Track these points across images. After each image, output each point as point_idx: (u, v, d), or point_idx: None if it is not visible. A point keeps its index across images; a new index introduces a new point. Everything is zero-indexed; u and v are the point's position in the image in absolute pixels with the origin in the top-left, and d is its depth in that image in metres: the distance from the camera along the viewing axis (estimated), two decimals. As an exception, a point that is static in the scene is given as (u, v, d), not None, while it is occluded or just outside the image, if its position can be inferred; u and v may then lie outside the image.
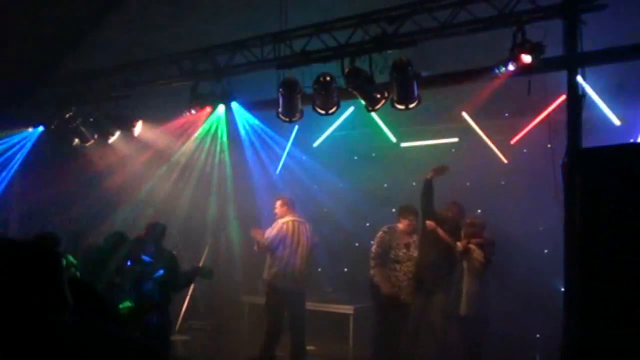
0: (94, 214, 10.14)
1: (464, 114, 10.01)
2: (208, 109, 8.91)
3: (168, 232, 8.14)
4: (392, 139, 10.79)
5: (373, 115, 9.58)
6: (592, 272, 5.31)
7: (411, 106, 7.33)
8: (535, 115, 9.23)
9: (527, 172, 9.19)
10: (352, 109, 9.84)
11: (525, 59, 6.46)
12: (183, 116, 8.96)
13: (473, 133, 10.12)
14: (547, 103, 8.39)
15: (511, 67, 6.65)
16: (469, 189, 9.95)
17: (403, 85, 7.25)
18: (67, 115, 9.82)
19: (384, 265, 8.31)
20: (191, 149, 10.39)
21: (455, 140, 10.48)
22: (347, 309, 9.90)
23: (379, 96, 7.53)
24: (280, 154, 11.32)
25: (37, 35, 8.89)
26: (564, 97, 7.21)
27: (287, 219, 8.68)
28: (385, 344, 8.16)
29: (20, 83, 9.84)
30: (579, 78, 6.34)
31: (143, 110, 9.69)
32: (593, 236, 5.33)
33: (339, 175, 11.24)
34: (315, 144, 11.35)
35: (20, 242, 2.22)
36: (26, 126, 10.50)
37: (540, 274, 8.61)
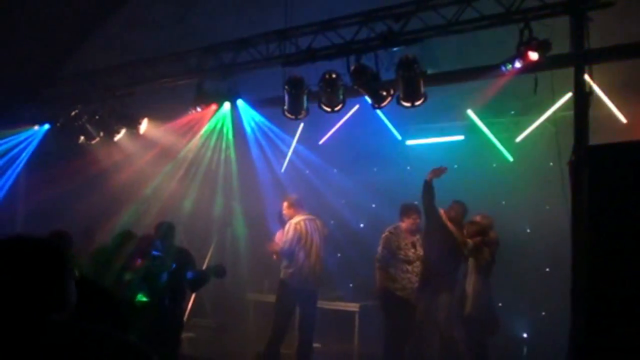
0: (100, 212, 10.15)
1: (469, 111, 9.98)
2: (213, 106, 8.92)
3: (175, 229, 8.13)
4: (398, 136, 10.78)
5: (378, 112, 9.57)
6: (599, 270, 5.29)
7: (417, 103, 7.31)
8: (541, 113, 9.21)
9: (533, 170, 9.17)
10: (357, 106, 9.81)
11: (532, 57, 6.44)
12: (188, 114, 8.97)
13: (478, 131, 10.10)
14: (554, 101, 8.36)
15: (518, 64, 6.63)
16: (474, 187, 9.92)
17: (409, 82, 7.24)
18: (72, 113, 9.84)
19: (388, 267, 8.20)
20: (197, 147, 10.40)
21: (460, 137, 10.45)
22: (353, 306, 9.89)
23: (384, 93, 7.51)
24: (286, 152, 11.32)
25: (42, 33, 8.91)
26: (570, 94, 7.20)
27: (298, 218, 8.58)
28: (394, 345, 8.10)
29: (26, 81, 9.87)
30: (585, 76, 6.32)
31: (149, 108, 9.70)
32: (600, 234, 5.31)
33: (344, 173, 11.23)
34: (320, 142, 11.33)
35: (28, 239, 2.19)
36: (32, 124, 10.53)
37: (546, 272, 8.60)
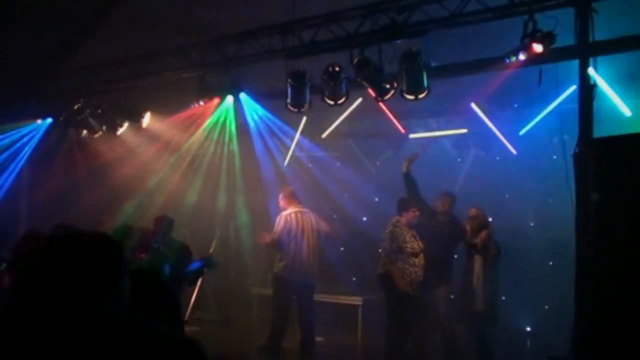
0: (104, 206, 10.16)
1: (472, 105, 9.95)
2: (216, 99, 8.90)
3: (177, 223, 8.14)
4: (401, 129, 10.75)
5: (381, 105, 9.55)
6: (604, 262, 5.28)
7: (421, 96, 7.30)
8: (545, 105, 9.17)
9: (537, 162, 9.14)
10: (360, 99, 9.79)
11: (536, 49, 6.41)
12: (191, 107, 8.97)
13: (482, 124, 10.07)
14: (558, 93, 8.32)
15: (522, 56, 6.60)
16: (477, 180, 9.91)
17: (412, 75, 7.22)
18: (75, 107, 9.84)
19: (397, 261, 8.16)
20: (200, 140, 10.39)
21: (464, 131, 10.43)
22: (356, 300, 9.90)
23: (388, 86, 7.50)
24: (289, 145, 11.30)
25: (46, 27, 8.89)
26: (574, 87, 7.18)
27: (290, 210, 8.61)
28: (398, 338, 8.08)
29: (28, 75, 9.86)
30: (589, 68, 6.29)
31: (151, 101, 9.69)
32: (605, 226, 5.30)
33: (347, 166, 11.22)
34: (323, 135, 11.31)
35: (85, 233, 2.25)
36: (35, 118, 10.53)
37: (549, 265, 8.59)
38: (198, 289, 10.81)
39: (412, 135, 10.79)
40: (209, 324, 10.93)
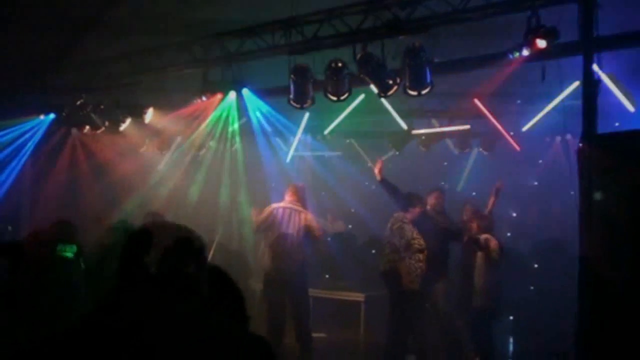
0: (107, 201, 10.16)
1: (475, 100, 9.91)
2: (219, 95, 8.89)
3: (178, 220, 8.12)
4: (403, 125, 10.72)
5: (384, 101, 9.52)
6: (607, 257, 5.26)
7: (424, 92, 7.27)
8: (548, 101, 9.14)
9: (540, 159, 9.13)
10: (363, 95, 9.77)
11: (540, 44, 6.38)
12: (194, 103, 8.95)
13: (485, 120, 10.04)
14: (561, 89, 8.28)
15: (525, 52, 6.57)
16: (480, 176, 9.90)
17: (415, 71, 7.19)
18: (77, 103, 9.83)
19: (405, 258, 8.14)
20: (202, 136, 10.36)
21: (466, 127, 10.40)
22: (358, 296, 9.88)
23: (391, 82, 7.47)
24: (292, 141, 11.28)
25: (48, 22, 8.87)
26: (578, 82, 7.14)
27: (281, 204, 8.56)
28: (400, 334, 8.07)
29: (31, 70, 9.85)
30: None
31: (154, 97, 9.67)
32: (608, 222, 5.28)
33: (350, 162, 11.21)
34: (326, 131, 11.29)
35: (175, 227, 2.33)
36: (37, 113, 10.52)
37: (553, 260, 8.57)
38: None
39: (414, 131, 10.76)
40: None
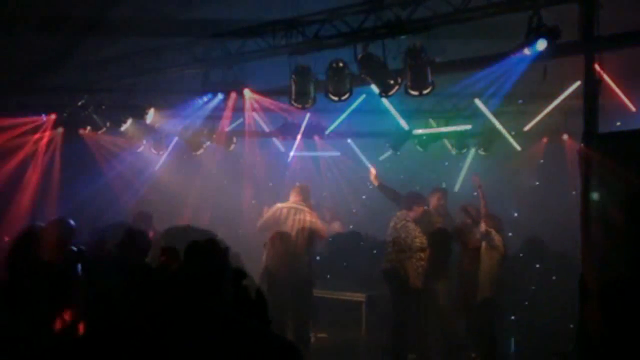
0: (103, 200, 10.19)
1: (476, 100, 9.90)
2: (220, 95, 8.90)
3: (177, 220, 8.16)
4: (405, 125, 10.70)
5: (385, 102, 9.52)
6: (608, 256, 5.27)
7: (425, 92, 7.28)
8: (550, 101, 9.13)
9: (542, 158, 9.12)
10: (364, 95, 9.76)
11: (541, 44, 6.37)
12: (195, 103, 8.97)
13: (486, 120, 10.02)
14: (562, 89, 8.29)
15: (526, 52, 6.57)
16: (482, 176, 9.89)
17: (417, 71, 7.19)
18: (79, 103, 9.84)
19: (410, 256, 8.15)
20: (204, 134, 10.37)
21: (468, 127, 10.38)
22: (359, 296, 9.87)
23: (392, 82, 7.48)
24: (292, 142, 11.27)
25: (49, 23, 8.87)
26: (579, 82, 7.15)
27: (285, 204, 8.63)
28: (404, 332, 8.07)
29: (32, 70, 9.85)
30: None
31: (155, 97, 9.68)
32: (610, 221, 5.28)
33: (352, 162, 11.21)
34: (327, 131, 11.28)
35: (207, 240, 2.59)
36: (39, 114, 10.52)
37: (553, 260, 8.57)
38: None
39: (415, 131, 10.74)
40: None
